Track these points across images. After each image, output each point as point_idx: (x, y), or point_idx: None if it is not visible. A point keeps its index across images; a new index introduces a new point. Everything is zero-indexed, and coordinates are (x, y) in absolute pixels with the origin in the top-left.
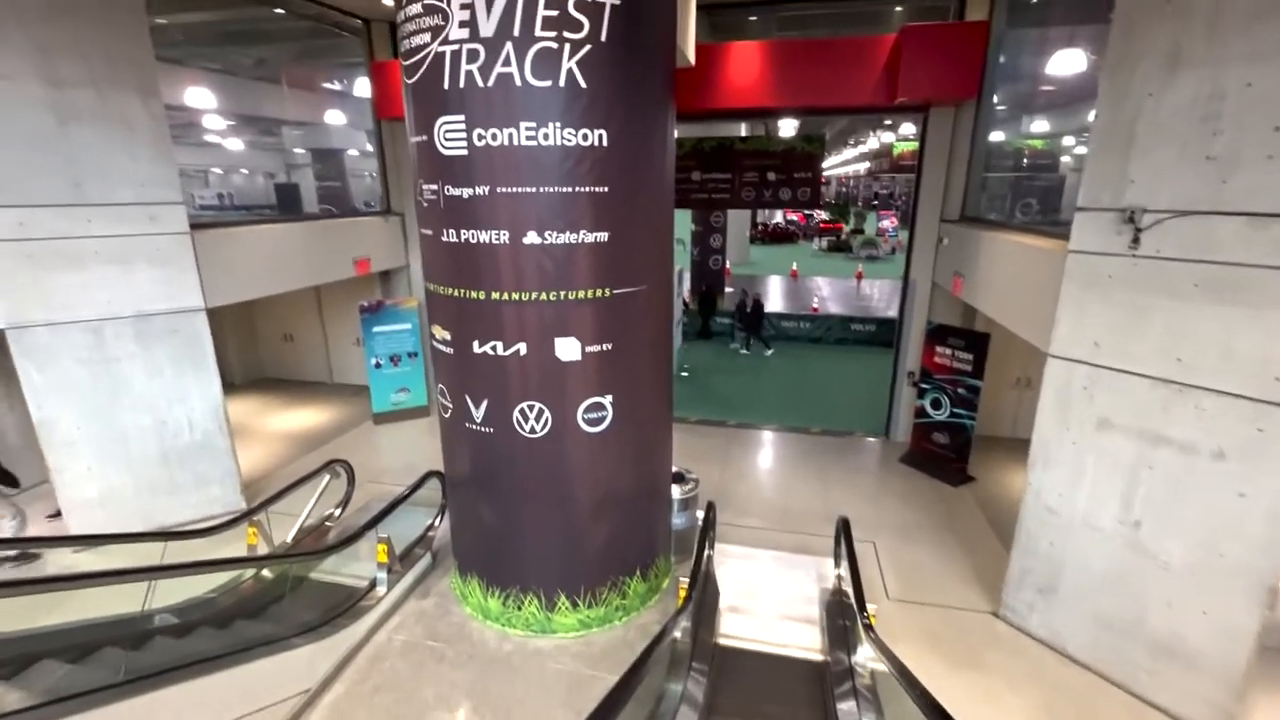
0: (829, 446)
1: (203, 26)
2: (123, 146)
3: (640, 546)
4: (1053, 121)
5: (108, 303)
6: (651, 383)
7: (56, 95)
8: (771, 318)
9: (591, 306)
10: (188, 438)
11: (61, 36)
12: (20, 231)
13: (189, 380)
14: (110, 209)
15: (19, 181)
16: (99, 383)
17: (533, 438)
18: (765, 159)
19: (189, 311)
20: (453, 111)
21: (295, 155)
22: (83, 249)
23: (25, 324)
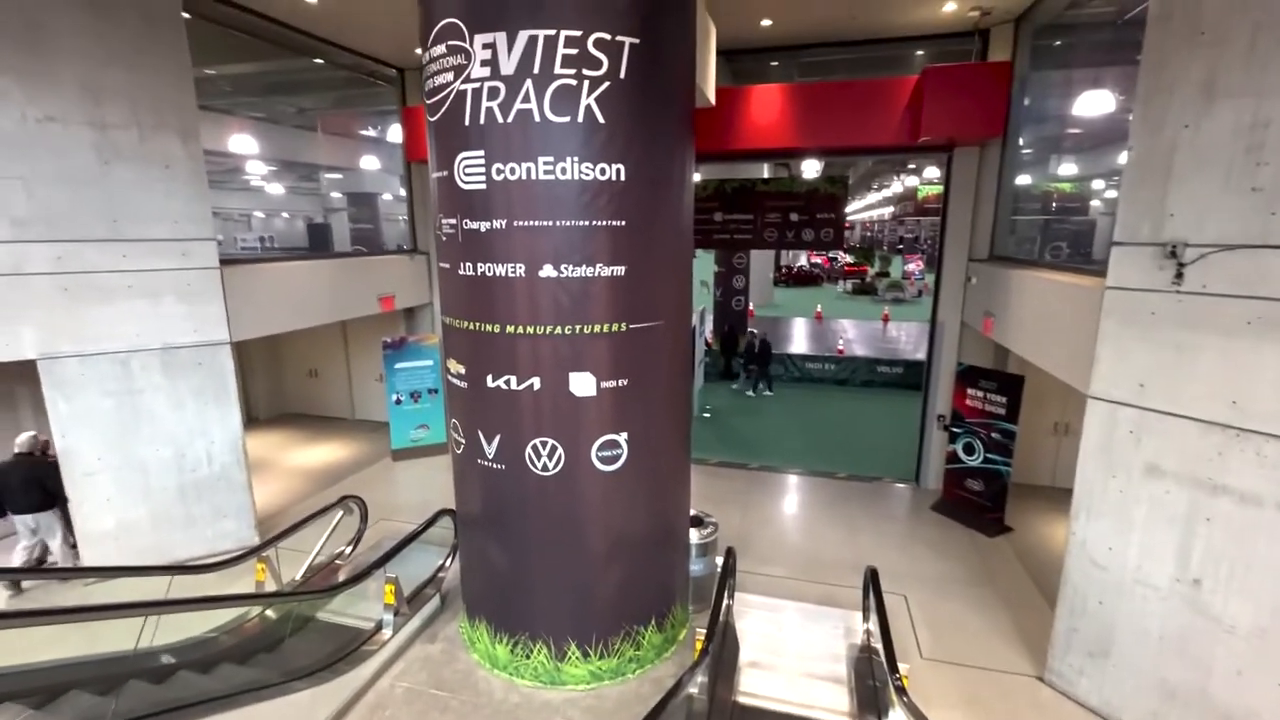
0: (856, 492)
1: (248, 77)
2: (161, 185)
3: (656, 594)
4: (1082, 158)
5: (136, 335)
6: (669, 421)
7: (101, 136)
8: (795, 359)
9: (607, 341)
10: (206, 470)
11: (112, 82)
12: (58, 265)
13: (210, 413)
14: (144, 244)
15: (61, 217)
16: (122, 414)
17: (545, 476)
18: (788, 200)
19: (214, 345)
20: (473, 147)
21: (332, 199)
22: (116, 283)
23: (56, 355)
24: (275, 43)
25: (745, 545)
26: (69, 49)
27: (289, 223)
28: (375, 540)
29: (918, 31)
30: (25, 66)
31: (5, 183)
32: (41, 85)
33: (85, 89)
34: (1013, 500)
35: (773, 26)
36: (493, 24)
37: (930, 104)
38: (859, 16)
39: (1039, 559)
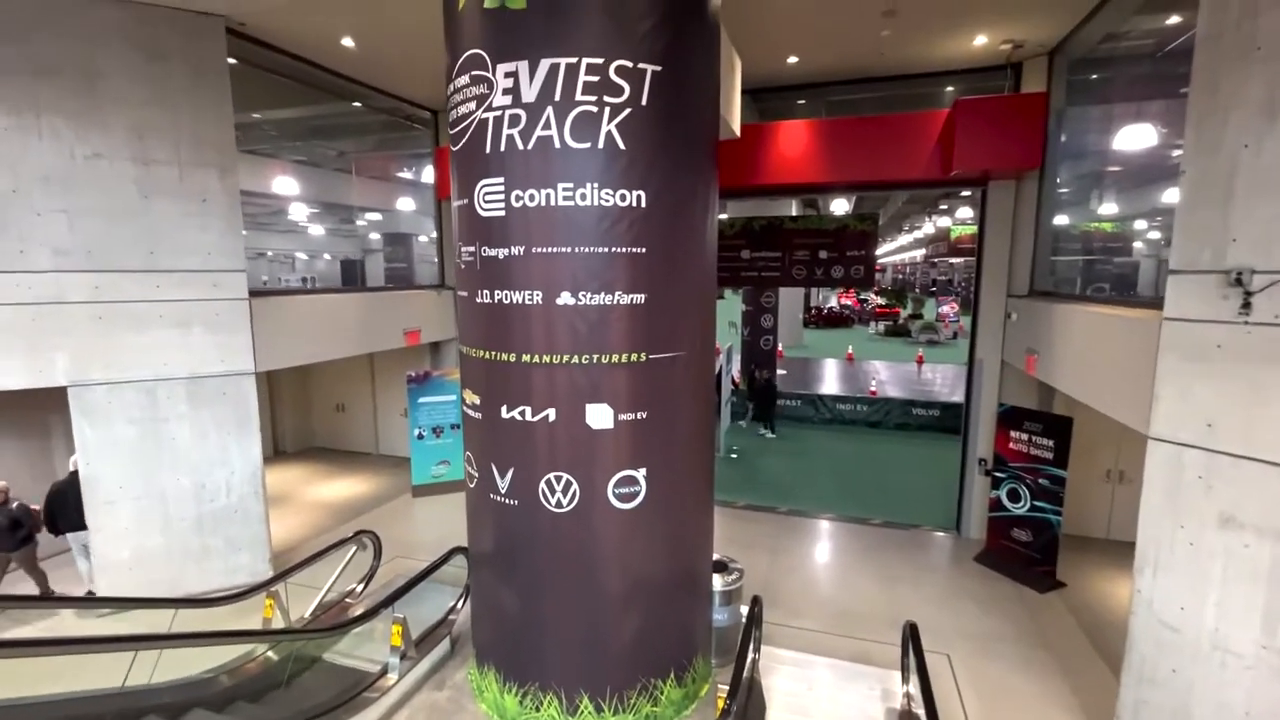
0: (892, 540)
1: (292, 122)
2: (196, 219)
3: (675, 644)
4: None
5: (164, 364)
6: (690, 457)
7: (143, 172)
8: (826, 400)
9: (626, 371)
10: (224, 501)
11: (157, 121)
12: (95, 294)
13: (231, 443)
14: (177, 275)
15: (101, 248)
16: (145, 443)
17: (559, 512)
18: (817, 238)
19: (239, 375)
20: (493, 174)
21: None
22: (148, 312)
23: (87, 382)
24: (317, 87)
25: (773, 594)
26: (120, 91)
27: (330, 264)
28: (389, 578)
29: (947, 67)
30: (78, 108)
31: (51, 215)
32: (91, 125)
33: (131, 128)
34: (1064, 553)
35: (799, 64)
36: (515, 53)
37: (963, 136)
38: (887, 53)
39: (1097, 618)
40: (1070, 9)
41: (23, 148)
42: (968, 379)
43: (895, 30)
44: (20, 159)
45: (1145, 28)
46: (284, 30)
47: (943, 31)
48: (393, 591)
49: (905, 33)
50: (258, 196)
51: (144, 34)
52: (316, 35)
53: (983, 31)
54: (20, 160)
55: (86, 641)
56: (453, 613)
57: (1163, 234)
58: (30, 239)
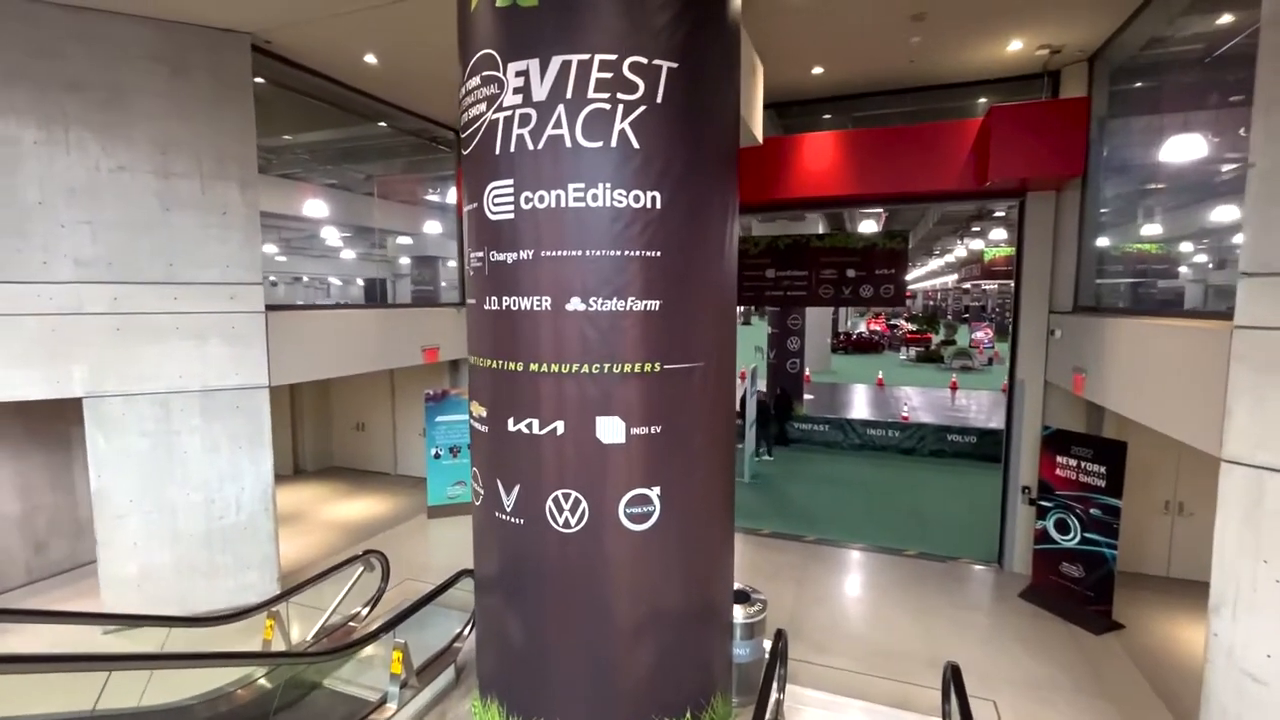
0: (929, 573)
1: (321, 145)
2: (216, 232)
3: (692, 680)
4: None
5: (179, 376)
6: (709, 476)
7: (165, 185)
8: (855, 425)
9: (639, 382)
10: (233, 518)
11: (180, 134)
12: (113, 306)
13: (243, 458)
14: (195, 287)
15: (122, 260)
16: (157, 455)
17: (566, 533)
18: (844, 256)
19: (253, 388)
20: (502, 176)
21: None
22: (166, 324)
23: (102, 394)
24: (343, 108)
25: (799, 628)
26: (144, 105)
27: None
28: (398, 601)
29: (980, 76)
30: (104, 121)
31: (75, 227)
32: (116, 138)
33: (154, 142)
34: (1119, 591)
35: (824, 75)
36: (526, 51)
37: (999, 144)
38: (917, 60)
39: (1161, 664)
40: (1111, 10)
41: (50, 161)
42: (1008, 401)
43: (925, 36)
44: (48, 172)
45: (1193, 30)
46: (308, 47)
47: (975, 36)
48: (394, 615)
49: (936, 38)
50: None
51: (170, 49)
52: (340, 52)
53: (1018, 36)
54: (48, 173)
55: (45, 660)
56: (458, 640)
57: (1241, 215)
58: (54, 250)
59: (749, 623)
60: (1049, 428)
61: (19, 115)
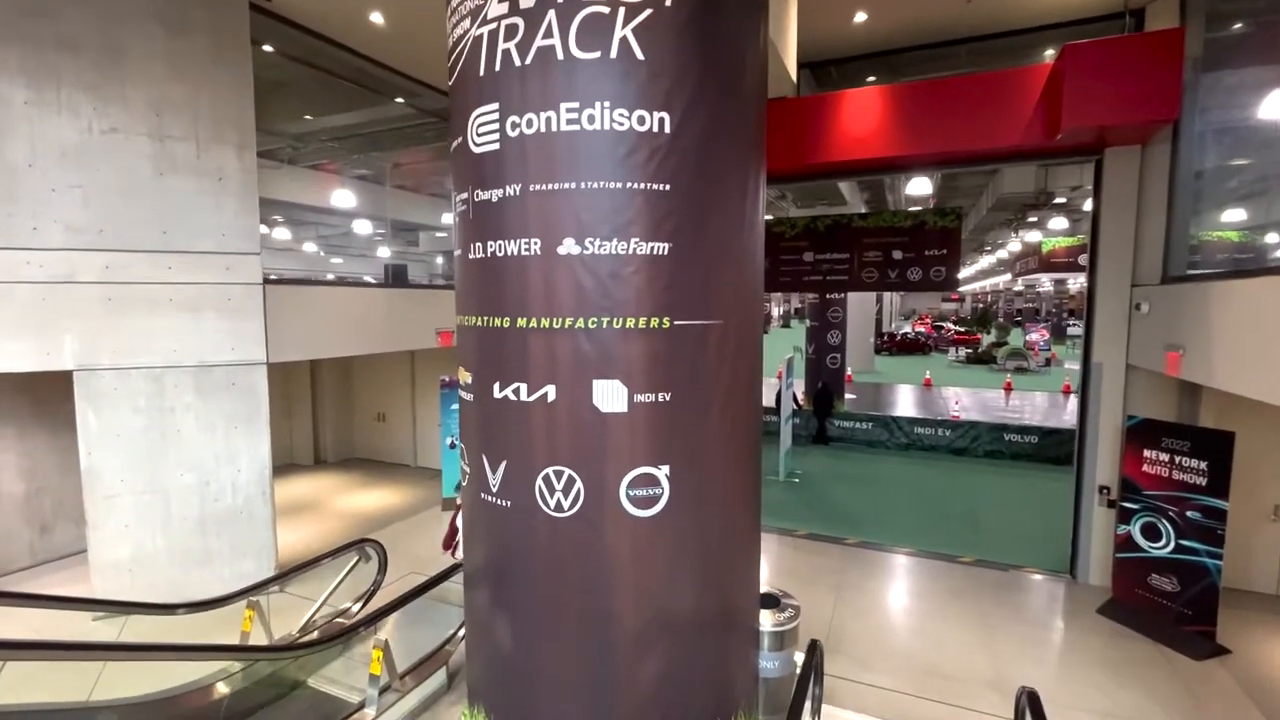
0: (988, 583)
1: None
2: (211, 198)
3: (708, 696)
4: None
5: (173, 350)
6: (728, 456)
7: (159, 148)
8: (901, 423)
9: (643, 340)
10: (229, 502)
11: (175, 96)
12: (105, 274)
13: (239, 438)
14: (190, 256)
15: (113, 227)
16: (151, 434)
17: (559, 517)
18: (889, 236)
19: (250, 365)
20: (486, 101)
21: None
22: (159, 295)
23: (94, 367)
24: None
25: (837, 641)
26: (139, 65)
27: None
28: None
29: (1047, 19)
30: (97, 81)
31: (66, 191)
32: (110, 99)
33: (149, 103)
34: (1222, 609)
35: (868, 24)
36: None
37: (1074, 88)
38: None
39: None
40: None
41: (42, 122)
42: (1082, 388)
43: None
44: (39, 133)
45: None
46: (309, 5)
47: None
48: (377, 609)
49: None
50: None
51: (166, 8)
52: (341, 9)
53: None
54: (39, 134)
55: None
56: (451, 641)
57: None
58: (44, 215)
59: (778, 631)
60: (1134, 417)
61: (9, 75)
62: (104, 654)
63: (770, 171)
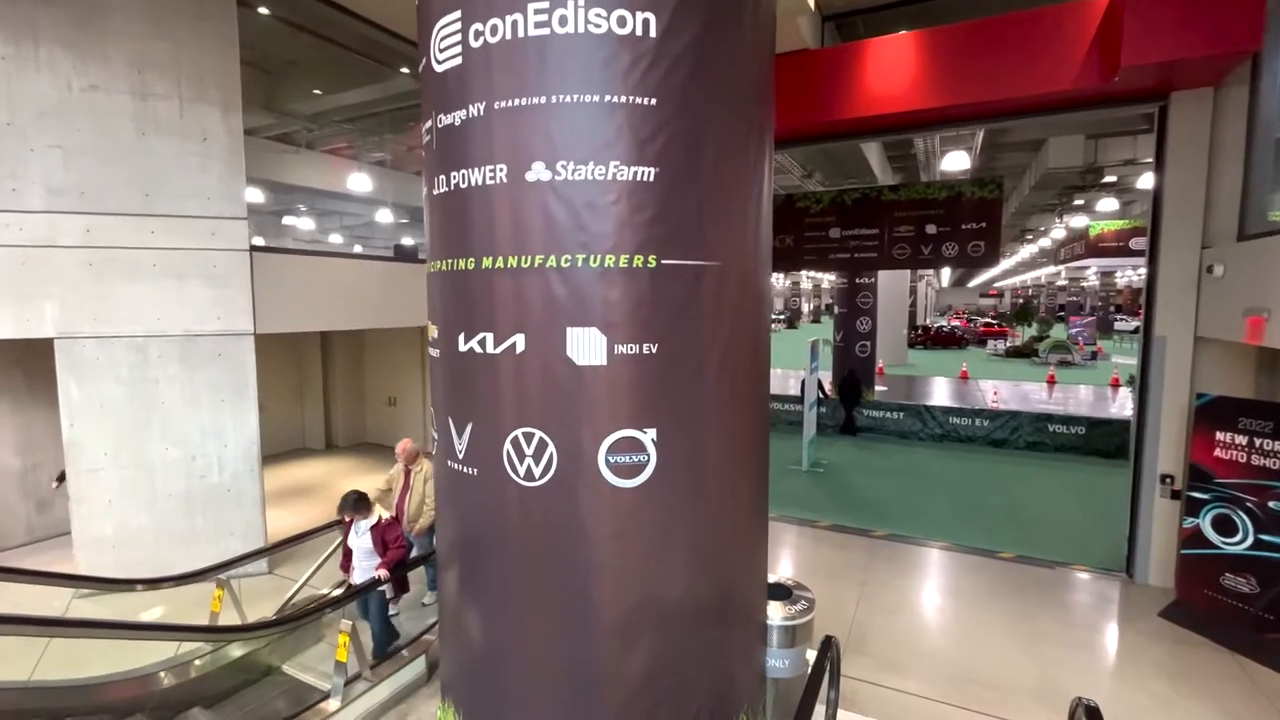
0: (1030, 580)
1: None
2: (196, 160)
3: (705, 696)
4: None
5: (157, 319)
6: (728, 420)
7: (141, 106)
8: (934, 412)
9: (626, 282)
10: (216, 478)
11: (158, 52)
12: (86, 238)
13: (226, 413)
14: (174, 221)
15: (94, 189)
16: (134, 406)
17: (529, 487)
18: (923, 209)
19: (236, 335)
20: (449, 10)
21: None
22: (142, 260)
23: (75, 335)
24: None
25: (861, 639)
26: (121, 21)
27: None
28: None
29: None
30: (77, 39)
31: (45, 151)
32: (90, 55)
33: (131, 60)
34: None
35: None
36: None
37: (1135, 18)
38: None
39: None
40: None
41: (20, 78)
42: (1141, 365)
43: None
44: (17, 90)
45: None
46: None
47: None
48: (346, 590)
49: None
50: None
51: None
52: None
53: None
54: (17, 92)
55: None
56: (432, 630)
57: None
58: (24, 177)
59: (789, 626)
60: (1204, 396)
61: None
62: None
63: (792, 132)
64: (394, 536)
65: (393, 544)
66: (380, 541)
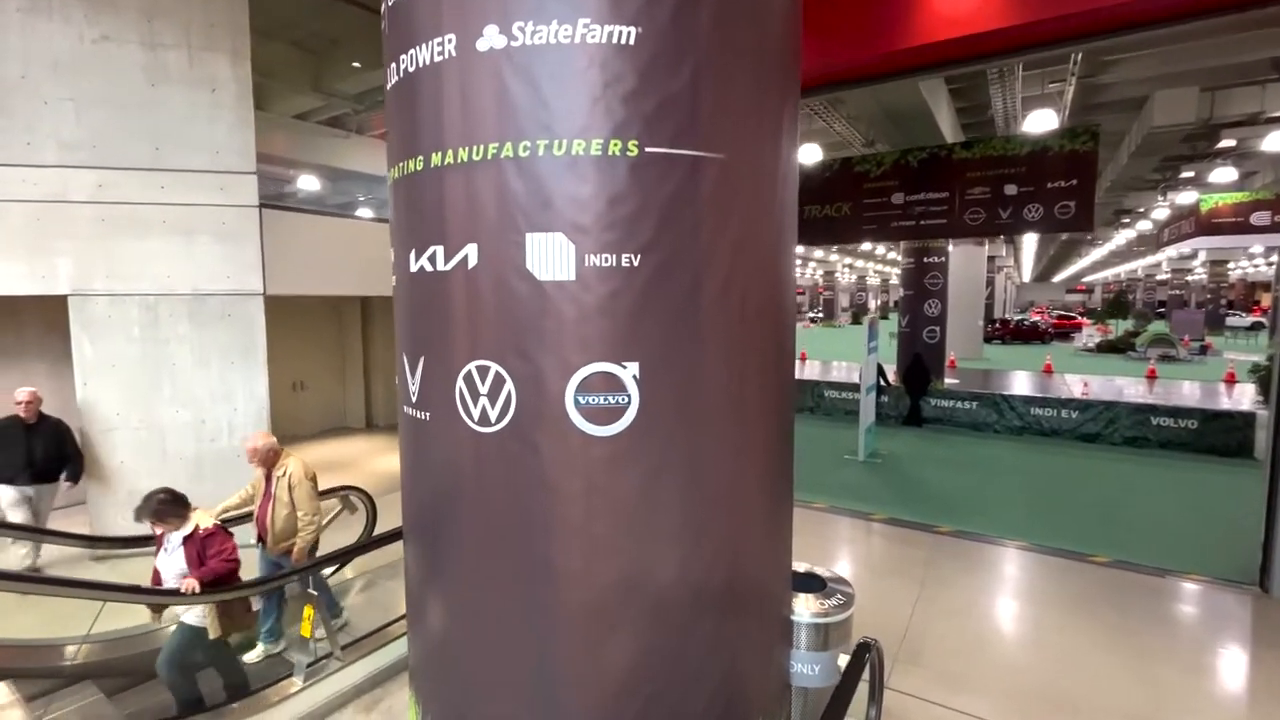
0: (1133, 590)
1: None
2: (205, 111)
3: (705, 702)
4: None
5: (167, 277)
6: (736, 354)
7: (151, 57)
8: (1013, 402)
9: (598, 175)
10: (225, 442)
11: (166, 0)
12: (98, 194)
13: (235, 375)
14: (184, 175)
15: (105, 142)
16: (145, 366)
17: (484, 433)
18: (1001, 167)
19: (246, 295)
20: None
21: None
22: (152, 216)
23: (88, 292)
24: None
25: (915, 648)
26: None
27: None
28: (392, 558)
29: None
30: None
31: (58, 104)
32: (102, 6)
33: (140, 9)
34: None
35: None
36: None
37: None
38: None
39: None
40: None
41: (34, 30)
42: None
43: None
44: (32, 43)
45: None
46: None
47: None
48: (317, 559)
49: None
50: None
51: None
52: None
53: None
54: (32, 45)
55: None
56: None
57: None
58: (37, 130)
59: (820, 624)
60: None
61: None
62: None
63: (836, 70)
64: (218, 550)
65: (214, 558)
66: (197, 558)
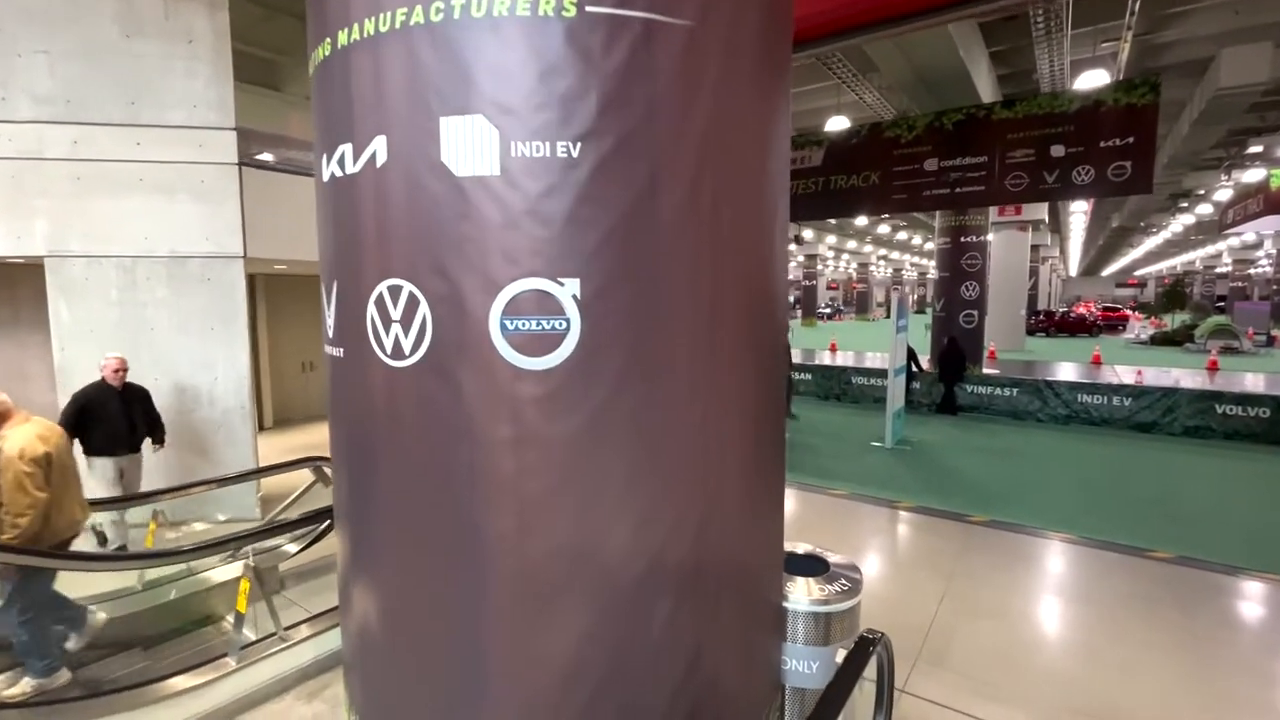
0: (1199, 589)
1: None
2: (182, 64)
3: (668, 701)
4: None
5: (144, 238)
6: (702, 277)
7: (124, 6)
8: (1057, 388)
9: (525, 41)
10: (205, 412)
11: None
12: (73, 151)
13: (215, 342)
14: (161, 131)
15: (80, 97)
16: (124, 330)
17: (397, 368)
18: (1047, 126)
19: (226, 258)
20: None
21: None
22: (129, 175)
23: (64, 253)
24: None
25: (939, 647)
26: None
27: None
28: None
29: None
30: None
31: (32, 57)
32: None
33: None
34: None
35: None
36: None
37: None
38: None
39: None
40: None
41: None
42: None
43: None
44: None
45: None
46: None
47: None
48: (263, 524)
49: None
50: None
51: None
52: None
53: None
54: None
55: None
56: None
57: None
58: (11, 84)
59: (820, 614)
60: None
61: None
62: None
63: (847, 15)
64: None
65: None
66: None
